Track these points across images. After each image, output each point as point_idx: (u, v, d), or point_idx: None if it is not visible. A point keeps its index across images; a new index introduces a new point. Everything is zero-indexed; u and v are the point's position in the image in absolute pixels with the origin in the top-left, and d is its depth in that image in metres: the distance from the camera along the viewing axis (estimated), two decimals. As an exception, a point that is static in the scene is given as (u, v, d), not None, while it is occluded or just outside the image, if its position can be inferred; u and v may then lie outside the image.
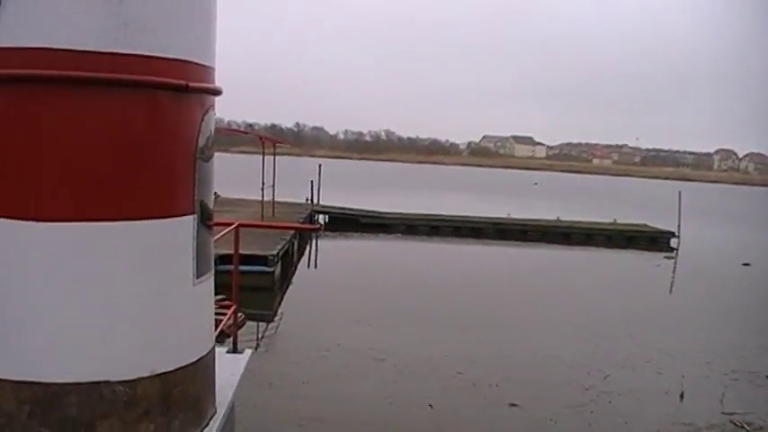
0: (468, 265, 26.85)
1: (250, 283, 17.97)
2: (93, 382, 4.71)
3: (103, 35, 4.67)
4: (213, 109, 5.70)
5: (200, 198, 5.44)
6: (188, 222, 5.29)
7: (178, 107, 5.14)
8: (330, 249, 29.71)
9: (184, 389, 5.23)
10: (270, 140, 33.05)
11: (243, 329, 14.43)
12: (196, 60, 5.25)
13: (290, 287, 20.84)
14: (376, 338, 14.35)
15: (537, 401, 11.15)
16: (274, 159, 28.90)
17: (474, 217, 35.89)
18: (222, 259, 17.91)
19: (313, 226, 18.79)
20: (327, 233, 33.89)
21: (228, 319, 8.36)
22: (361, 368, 12.27)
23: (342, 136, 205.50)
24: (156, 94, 4.96)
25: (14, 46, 4.61)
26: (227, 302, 12.29)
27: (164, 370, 5.04)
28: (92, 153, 4.78)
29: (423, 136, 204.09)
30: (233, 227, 8.84)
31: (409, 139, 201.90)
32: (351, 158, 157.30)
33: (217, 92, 5.68)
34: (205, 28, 5.44)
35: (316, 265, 26.15)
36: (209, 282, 5.76)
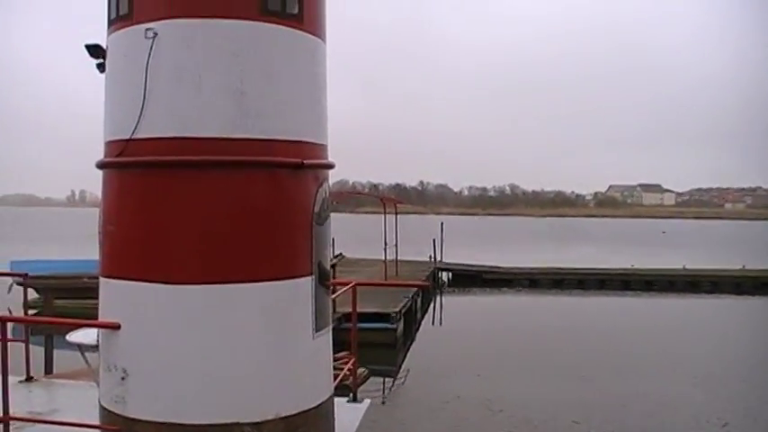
0: (590, 318, 26.64)
1: (373, 340, 18.65)
2: (225, 424, 5.43)
3: (228, 124, 5.52)
4: (327, 180, 6.45)
5: (318, 259, 6.16)
6: (307, 283, 6.00)
7: (295, 181, 5.89)
8: (453, 306, 30.11)
9: (306, 431, 5.87)
10: (390, 201, 34.04)
11: (366, 384, 15.03)
12: (310, 140, 6.02)
13: (413, 343, 21.36)
14: (494, 390, 14.67)
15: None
16: (396, 219, 29.70)
17: (597, 269, 35.53)
18: (346, 317, 18.85)
19: (423, 283, 19.31)
20: (451, 290, 34.38)
21: (347, 371, 8.95)
22: (479, 420, 12.61)
23: (466, 192, 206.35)
24: (275, 171, 5.76)
25: (155, 136, 5.53)
26: (348, 356, 13.01)
27: (287, 414, 5.71)
28: (220, 224, 5.59)
29: (547, 188, 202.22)
30: (350, 286, 9.51)
31: (534, 192, 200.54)
32: (475, 214, 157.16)
33: (330, 166, 6.45)
34: (317, 111, 6.22)
35: (441, 322, 26.58)
36: (327, 336, 6.43)
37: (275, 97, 5.72)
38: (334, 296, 7.05)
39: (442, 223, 37.79)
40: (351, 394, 8.71)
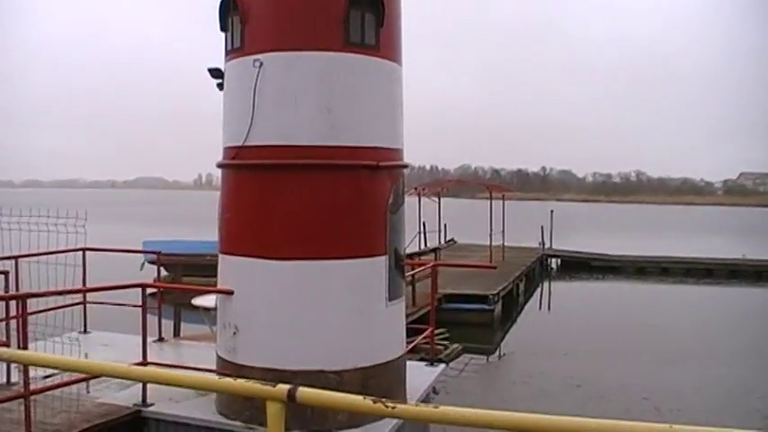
0: (689, 306, 26.87)
1: (471, 320, 19.96)
2: (312, 371, 6.91)
3: (319, 134, 6.99)
4: (402, 176, 7.82)
5: (392, 242, 7.55)
6: (382, 261, 7.41)
7: (373, 179, 7.31)
8: (558, 291, 30.87)
9: (378, 381, 7.28)
10: (497, 188, 35.06)
11: (460, 358, 16.34)
12: (385, 146, 7.42)
13: (513, 325, 22.42)
14: (578, 369, 15.62)
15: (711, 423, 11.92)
16: (503, 205, 30.70)
17: (705, 259, 35.10)
18: (447, 298, 20.19)
19: (489, 264, 20.11)
20: (559, 275, 35.12)
21: (424, 338, 10.07)
22: (556, 392, 13.66)
23: (590, 179, 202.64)
24: (356, 171, 7.19)
25: (262, 144, 7.07)
26: (439, 330, 14.38)
27: (363, 365, 7.14)
28: (313, 213, 7.09)
29: (675, 175, 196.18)
30: (429, 266, 10.71)
31: (660, 179, 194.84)
32: (598, 201, 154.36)
33: (403, 166, 7.84)
34: (392, 122, 7.61)
35: (546, 307, 27.45)
36: (400, 305, 7.84)
37: (356, 113, 7.15)
38: (410, 274, 8.38)
39: (551, 211, 38.41)
40: (429, 359, 9.96)
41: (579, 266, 35.98)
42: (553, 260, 37.43)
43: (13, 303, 8.34)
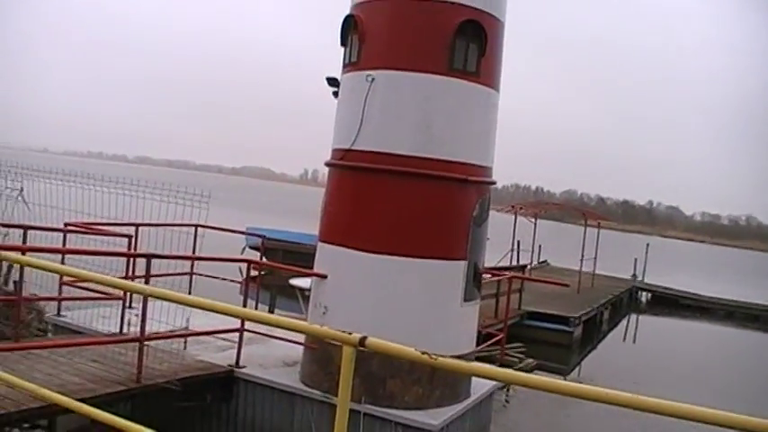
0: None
1: (550, 339, 20.43)
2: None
3: (417, 146, 7.88)
4: (489, 192, 8.63)
5: (473, 250, 8.37)
6: (461, 265, 8.24)
7: (461, 192, 8.15)
8: (644, 323, 30.81)
9: (445, 372, 8.08)
10: (594, 216, 35.11)
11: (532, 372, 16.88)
12: (475, 162, 8.24)
13: (593, 350, 22.71)
14: (648, 388, 15.92)
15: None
16: (598, 234, 30.86)
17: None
18: (529, 315, 20.77)
19: (562, 282, 20.21)
20: (649, 310, 34.96)
21: (495, 343, 10.73)
22: (604, 414, 13.96)
23: (698, 218, 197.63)
24: (447, 183, 8.05)
25: (366, 149, 8.01)
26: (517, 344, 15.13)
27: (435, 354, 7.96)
28: (405, 214, 7.99)
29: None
30: (506, 276, 11.46)
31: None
32: (703, 242, 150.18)
33: (490, 183, 8.65)
34: (484, 142, 8.44)
35: (625, 337, 27.55)
36: (474, 306, 8.67)
37: (452, 131, 8.00)
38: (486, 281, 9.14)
39: (647, 244, 38.18)
40: (498, 363, 10.69)
41: (668, 302, 35.71)
42: (643, 293, 37.20)
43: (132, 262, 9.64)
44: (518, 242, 31.41)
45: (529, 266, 31.33)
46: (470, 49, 7.98)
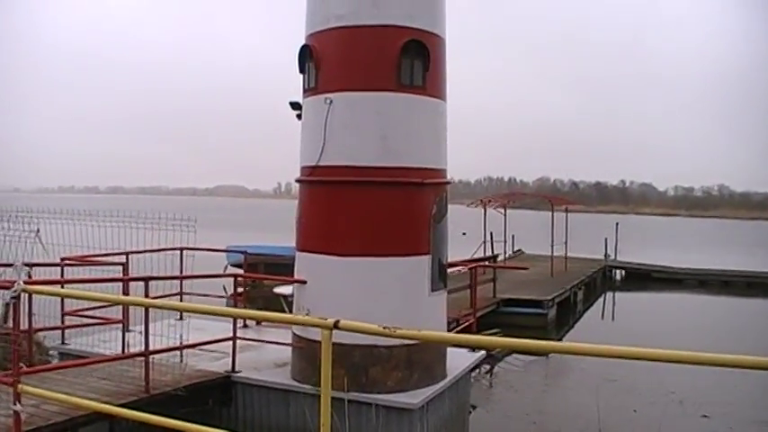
0: (747, 318, 27.56)
1: (526, 323, 21.42)
2: (368, 345, 8.68)
3: (375, 157, 8.81)
4: (445, 191, 9.57)
5: (435, 244, 9.29)
6: (425, 260, 9.17)
7: (419, 194, 9.08)
8: (618, 301, 31.92)
9: (421, 357, 9.01)
10: (561, 201, 36.21)
11: (509, 357, 17.79)
12: (429, 166, 9.18)
13: (570, 330, 23.62)
14: (619, 369, 16.81)
15: (727, 416, 13.13)
16: (566, 218, 31.97)
17: (765, 272, 35.26)
18: (505, 302, 21.75)
19: (521, 266, 20.75)
20: (622, 286, 36.04)
21: (466, 327, 11.60)
22: (592, 386, 14.93)
23: (671, 192, 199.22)
24: (406, 188, 8.98)
25: (331, 164, 8.94)
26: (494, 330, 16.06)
27: (408, 343, 8.87)
28: (371, 219, 8.91)
29: (760, 190, 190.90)
30: (468, 267, 12.39)
31: (743, 193, 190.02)
32: (678, 215, 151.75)
33: (446, 183, 9.58)
34: (436, 147, 9.38)
35: (603, 315, 28.51)
36: (441, 296, 9.58)
37: (406, 140, 8.94)
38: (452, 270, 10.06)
39: (617, 224, 39.37)
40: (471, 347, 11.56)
41: (642, 277, 36.79)
42: (617, 271, 38.31)
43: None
44: (491, 234, 32.35)
45: (503, 256, 32.45)
46: (415, 65, 8.92)
